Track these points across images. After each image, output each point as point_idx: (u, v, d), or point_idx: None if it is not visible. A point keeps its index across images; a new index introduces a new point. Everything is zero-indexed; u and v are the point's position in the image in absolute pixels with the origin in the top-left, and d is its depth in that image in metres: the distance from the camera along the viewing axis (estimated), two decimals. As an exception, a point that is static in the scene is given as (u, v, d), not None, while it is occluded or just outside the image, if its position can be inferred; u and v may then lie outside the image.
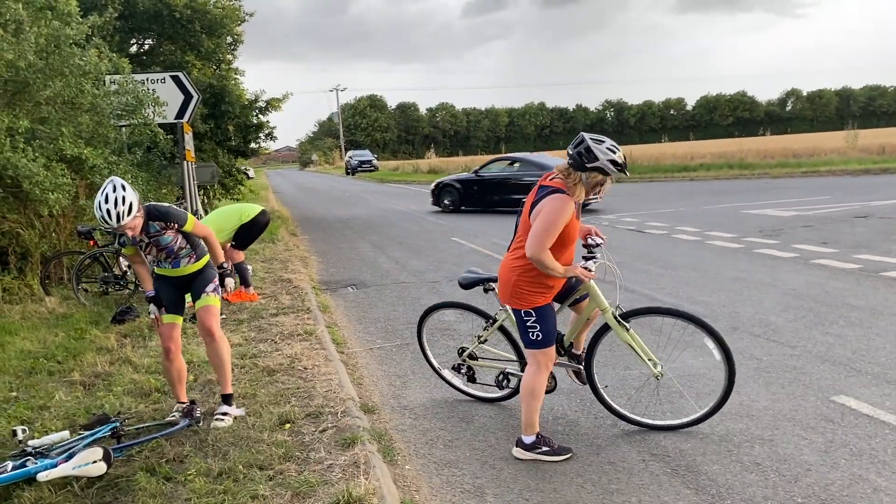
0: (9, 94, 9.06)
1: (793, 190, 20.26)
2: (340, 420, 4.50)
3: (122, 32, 15.51)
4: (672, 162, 32.53)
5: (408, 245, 13.46)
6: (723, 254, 10.41)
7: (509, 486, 3.80)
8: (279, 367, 5.63)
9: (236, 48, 17.85)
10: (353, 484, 3.55)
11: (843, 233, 11.58)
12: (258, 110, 17.28)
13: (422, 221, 17.74)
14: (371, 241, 14.47)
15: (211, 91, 15.63)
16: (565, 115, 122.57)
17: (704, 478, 3.75)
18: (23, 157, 8.28)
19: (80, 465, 3.64)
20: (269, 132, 17.97)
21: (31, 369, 5.99)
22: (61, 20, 9.47)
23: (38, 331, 7.27)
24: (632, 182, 28.29)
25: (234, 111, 16.04)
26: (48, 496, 3.62)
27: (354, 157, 59.98)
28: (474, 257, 11.48)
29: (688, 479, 3.75)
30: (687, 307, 7.32)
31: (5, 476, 3.62)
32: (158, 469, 3.85)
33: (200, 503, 3.44)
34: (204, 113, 15.50)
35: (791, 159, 29.56)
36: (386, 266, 11.23)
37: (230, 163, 17.25)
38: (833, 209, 14.78)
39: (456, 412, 4.93)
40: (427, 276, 10.13)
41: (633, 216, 15.80)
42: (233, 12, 16.69)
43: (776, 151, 32.17)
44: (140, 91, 10.46)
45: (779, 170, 27.01)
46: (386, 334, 7.13)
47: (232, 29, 16.90)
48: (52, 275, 9.44)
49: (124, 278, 8.79)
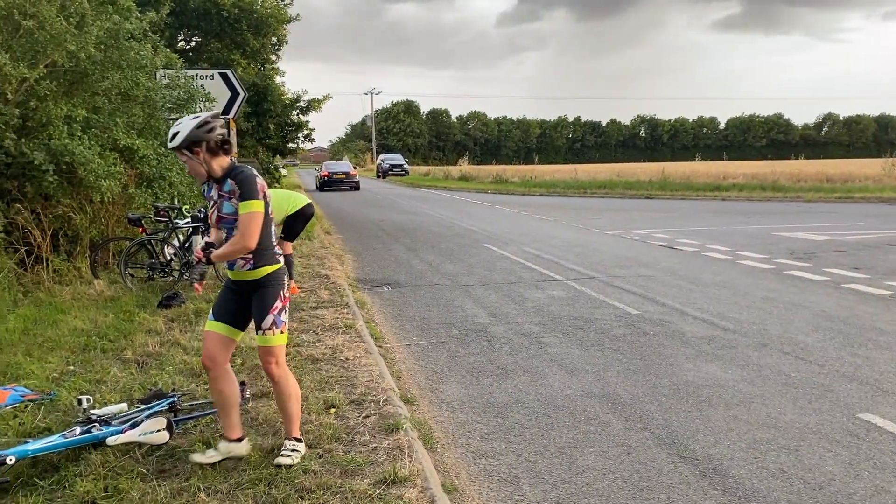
0: (67, 84, 9.45)
1: (826, 214, 20.19)
2: (382, 408, 4.74)
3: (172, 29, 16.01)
4: (704, 180, 32.47)
5: (440, 249, 13.70)
6: (753, 273, 10.50)
7: (543, 478, 4.00)
8: (322, 357, 5.89)
9: (280, 48, 18.32)
10: (397, 465, 3.77)
11: (877, 259, 11.61)
12: (299, 110, 17.67)
13: (453, 227, 17.97)
14: (404, 243, 14.73)
15: (254, 89, 16.05)
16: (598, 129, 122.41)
17: (731, 481, 3.92)
18: (79, 144, 8.66)
19: (145, 433, 3.91)
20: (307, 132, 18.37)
21: (85, 346, 6.30)
22: (121, 14, 9.86)
23: (88, 311, 7.59)
24: (663, 199, 28.32)
25: (276, 110, 16.47)
26: (113, 460, 3.88)
27: (386, 161, 60.47)
28: (505, 263, 11.68)
29: (715, 482, 3.92)
30: (717, 323, 7.47)
31: (76, 439, 3.90)
32: (213, 443, 4.10)
33: (256, 475, 3.69)
34: (247, 111, 15.91)
35: (825, 184, 29.38)
36: (419, 268, 11.47)
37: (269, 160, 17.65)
38: (867, 236, 14.75)
39: (491, 408, 5.13)
40: (460, 279, 10.35)
41: (664, 232, 15.90)
42: (279, 12, 17.13)
43: (810, 175, 31.98)
44: (191, 86, 10.84)
45: (812, 194, 26.86)
46: (421, 332, 7.36)
47: (277, 29, 17.34)
48: (100, 259, 9.81)
49: (169, 265, 9.12)
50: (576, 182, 35.72)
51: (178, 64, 11.43)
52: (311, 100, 17.65)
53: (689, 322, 7.52)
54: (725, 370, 5.89)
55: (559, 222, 18.93)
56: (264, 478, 3.65)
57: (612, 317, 7.82)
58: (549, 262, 11.80)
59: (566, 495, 3.80)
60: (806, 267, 10.86)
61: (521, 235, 15.77)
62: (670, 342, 6.78)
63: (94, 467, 3.79)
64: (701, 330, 7.19)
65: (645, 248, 13.35)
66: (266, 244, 3.79)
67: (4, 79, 8.12)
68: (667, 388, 5.46)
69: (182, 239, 9.40)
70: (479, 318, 7.87)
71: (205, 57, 16.66)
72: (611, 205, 25.73)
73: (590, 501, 3.73)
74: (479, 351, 6.60)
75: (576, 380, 5.70)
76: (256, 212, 3.66)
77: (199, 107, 10.85)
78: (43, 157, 8.34)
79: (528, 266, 11.41)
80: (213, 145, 3.68)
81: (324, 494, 3.49)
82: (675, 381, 5.64)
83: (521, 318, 7.86)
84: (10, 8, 8.36)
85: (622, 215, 20.94)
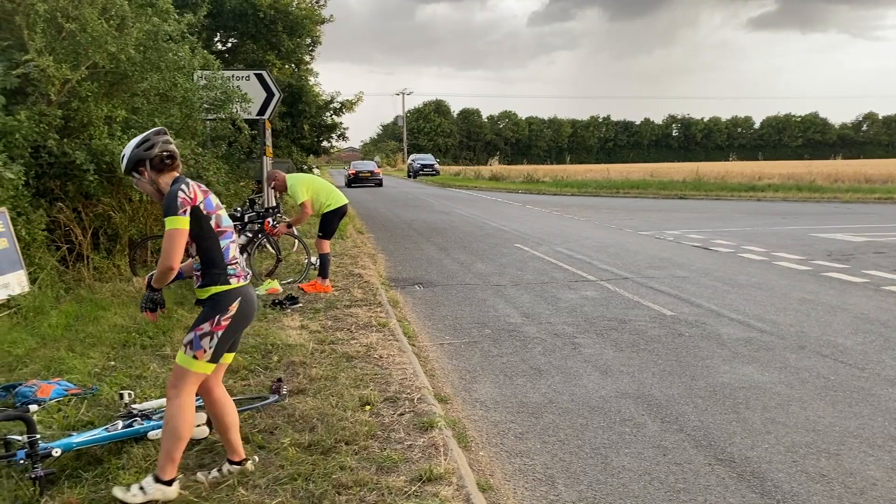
0: (108, 85, 9.65)
1: (865, 216, 19.79)
2: (417, 406, 4.76)
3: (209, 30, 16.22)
4: (739, 181, 32.04)
5: (471, 249, 13.71)
6: (790, 275, 10.34)
7: (579, 478, 3.99)
8: (356, 354, 5.94)
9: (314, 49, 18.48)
10: (433, 463, 3.80)
11: (918, 261, 11.35)
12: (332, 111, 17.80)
13: (484, 226, 17.97)
14: (435, 242, 14.77)
15: (289, 90, 16.21)
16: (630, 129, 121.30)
17: (770, 484, 3.88)
18: (119, 144, 8.83)
19: (186, 427, 3.97)
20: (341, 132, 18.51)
21: (125, 342, 6.43)
22: (160, 16, 10.04)
23: (127, 308, 7.74)
24: (697, 199, 28.01)
25: (310, 111, 16.62)
26: (154, 454, 3.95)
27: (417, 161, 60.63)
28: (537, 264, 11.65)
29: (753, 485, 3.88)
30: (754, 325, 7.37)
31: (118, 433, 3.98)
32: (252, 437, 4.17)
33: (293, 470, 3.74)
34: (282, 111, 16.09)
35: (864, 184, 28.80)
36: (451, 267, 11.49)
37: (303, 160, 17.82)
38: (907, 237, 14.44)
39: (525, 408, 5.13)
40: (492, 279, 10.35)
41: (698, 233, 15.73)
42: (313, 14, 17.29)
43: (848, 175, 31.39)
44: (228, 87, 11.01)
45: (850, 195, 26.35)
46: (454, 332, 7.38)
47: (311, 30, 17.49)
48: (139, 257, 9.99)
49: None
50: (608, 182, 35.47)
51: (215, 65, 11.60)
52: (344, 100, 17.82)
53: (724, 324, 7.44)
54: (762, 372, 5.81)
55: (591, 222, 18.83)
56: (303, 473, 3.69)
57: (646, 318, 7.76)
58: (582, 262, 11.74)
59: (602, 496, 3.79)
60: (844, 269, 10.66)
61: (552, 235, 15.71)
62: (706, 344, 6.71)
63: (135, 460, 3.87)
64: (737, 332, 7.11)
65: (679, 249, 13.22)
66: (214, 262, 3.50)
67: (48, 80, 8.32)
68: (703, 390, 5.41)
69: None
70: (512, 318, 7.87)
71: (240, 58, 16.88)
72: (644, 205, 25.51)
73: (626, 502, 3.72)
74: (512, 351, 6.60)
75: (610, 381, 5.67)
76: (174, 229, 3.36)
77: (236, 107, 11.01)
78: (84, 156, 8.53)
79: (560, 266, 11.37)
80: (157, 162, 3.49)
81: (360, 490, 3.53)
82: (712, 382, 5.59)
83: (554, 318, 7.84)
84: (54, 11, 8.56)
85: (655, 215, 20.75)
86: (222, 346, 3.53)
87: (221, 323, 3.47)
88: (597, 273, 10.65)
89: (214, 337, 3.46)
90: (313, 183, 8.83)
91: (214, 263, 3.51)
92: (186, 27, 10.67)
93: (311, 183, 8.82)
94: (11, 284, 7.30)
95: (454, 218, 20.68)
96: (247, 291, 3.62)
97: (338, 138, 18.77)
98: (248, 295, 3.62)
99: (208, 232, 3.50)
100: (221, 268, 3.52)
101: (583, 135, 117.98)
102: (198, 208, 3.45)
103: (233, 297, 3.51)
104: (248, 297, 3.62)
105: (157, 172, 3.50)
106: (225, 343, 3.54)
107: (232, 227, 3.67)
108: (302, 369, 5.51)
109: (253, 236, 9.43)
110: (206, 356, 3.46)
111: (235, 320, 3.52)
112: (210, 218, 3.51)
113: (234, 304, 3.51)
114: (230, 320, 3.49)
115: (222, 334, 3.48)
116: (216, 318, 3.47)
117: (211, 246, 3.51)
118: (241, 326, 3.63)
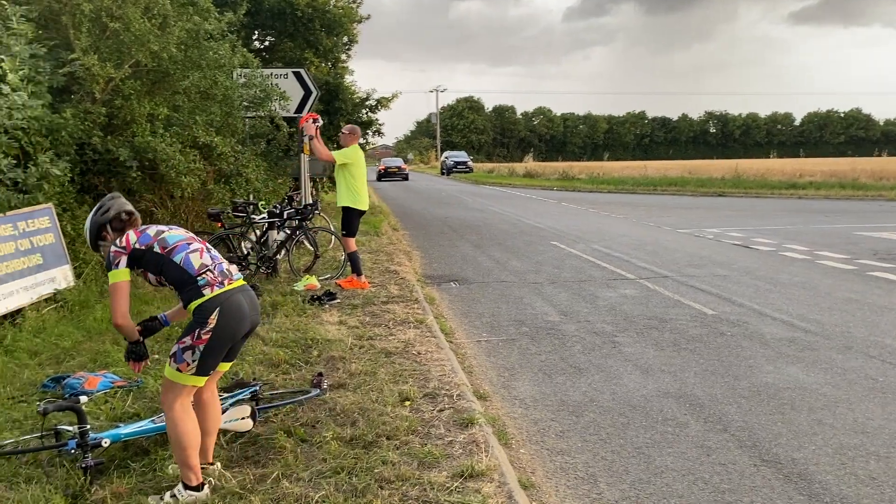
0: (150, 83, 9.80)
1: (911, 214, 19.31)
2: (456, 402, 4.76)
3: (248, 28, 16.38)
4: (780, 178, 31.45)
5: (507, 246, 13.67)
6: (834, 274, 10.12)
7: (621, 477, 3.96)
8: (395, 350, 5.96)
9: (351, 47, 18.56)
10: (474, 459, 3.79)
11: (968, 260, 11.04)
12: (368, 108, 17.87)
13: (519, 224, 17.90)
14: (470, 240, 14.75)
15: (326, 88, 16.30)
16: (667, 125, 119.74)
17: (818, 486, 3.80)
18: (161, 141, 8.98)
19: (231, 420, 4.03)
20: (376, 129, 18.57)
21: (168, 336, 6.50)
22: (201, 15, 10.17)
23: (170, 302, 7.84)
24: (737, 197, 27.57)
25: (347, 108, 16.68)
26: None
27: (450, 158, 60.65)
28: (574, 261, 11.57)
29: (801, 487, 3.80)
30: (797, 324, 7.23)
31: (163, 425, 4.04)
32: (294, 431, 4.21)
33: (336, 464, 3.76)
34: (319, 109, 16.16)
35: (910, 182, 28.07)
36: (486, 265, 11.47)
37: (339, 157, 17.92)
38: (956, 236, 14.05)
39: (565, 406, 5.10)
40: (528, 277, 10.30)
41: (738, 231, 15.48)
42: (350, 12, 17.37)
43: (893, 173, 30.57)
44: (267, 85, 11.11)
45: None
46: (491, 329, 7.36)
47: (349, 28, 17.57)
48: (180, 252, 10.14)
49: (246, 259, 9.37)
50: (645, 179, 35.08)
51: (255, 63, 11.72)
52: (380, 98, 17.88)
53: (767, 323, 7.31)
54: (808, 373, 5.70)
55: (628, 220, 18.64)
56: (345, 467, 3.71)
57: (687, 317, 7.66)
58: (620, 260, 11.63)
59: (645, 495, 3.75)
60: (891, 268, 10.40)
61: (589, 233, 15.60)
62: (749, 343, 6.60)
63: (182, 452, 3.93)
64: (780, 331, 6.98)
65: (719, 247, 13.02)
66: (180, 280, 3.47)
67: (93, 79, 8.48)
68: (746, 390, 5.32)
69: (258, 234, 9.65)
70: (550, 316, 7.83)
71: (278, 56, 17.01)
72: (682, 202, 25.18)
73: (669, 502, 3.67)
74: (551, 349, 6.56)
75: (651, 380, 5.61)
76: (112, 284, 3.45)
77: (275, 105, 11.11)
78: (127, 153, 8.69)
79: (597, 264, 11.28)
80: (117, 224, 3.60)
81: (403, 485, 3.54)
82: (755, 382, 5.49)
83: (592, 316, 7.78)
84: (99, 11, 8.72)
85: (694, 213, 20.47)
86: (208, 359, 3.43)
87: (202, 336, 3.38)
88: (635, 271, 10.55)
89: (196, 350, 3.39)
90: (358, 166, 8.80)
91: (182, 282, 3.47)
92: (226, 25, 10.80)
93: (358, 164, 8.79)
94: (58, 279, 7.47)
95: (489, 215, 20.64)
96: (228, 298, 3.47)
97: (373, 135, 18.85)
98: (230, 302, 3.46)
99: (159, 259, 3.48)
100: (191, 283, 3.45)
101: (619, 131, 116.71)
102: (135, 250, 3.47)
103: (210, 310, 3.40)
104: (231, 306, 3.46)
105: (119, 232, 3.58)
106: (212, 355, 3.44)
107: (185, 240, 3.57)
108: (342, 364, 5.55)
109: (291, 233, 9.52)
110: (191, 369, 3.41)
111: (217, 333, 3.41)
112: (153, 247, 3.49)
113: (213, 317, 3.39)
114: (210, 333, 3.39)
115: (205, 348, 3.39)
116: (196, 332, 3.39)
117: (169, 269, 3.47)
118: (228, 337, 3.47)
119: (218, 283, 3.47)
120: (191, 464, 3.47)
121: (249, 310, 3.57)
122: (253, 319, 3.62)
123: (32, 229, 7.24)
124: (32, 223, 7.26)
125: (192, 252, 3.52)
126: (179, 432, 3.44)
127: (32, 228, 7.24)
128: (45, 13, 9.00)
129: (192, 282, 3.45)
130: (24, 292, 6.93)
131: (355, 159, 8.76)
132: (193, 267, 3.47)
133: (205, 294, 3.43)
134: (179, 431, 3.44)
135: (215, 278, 3.48)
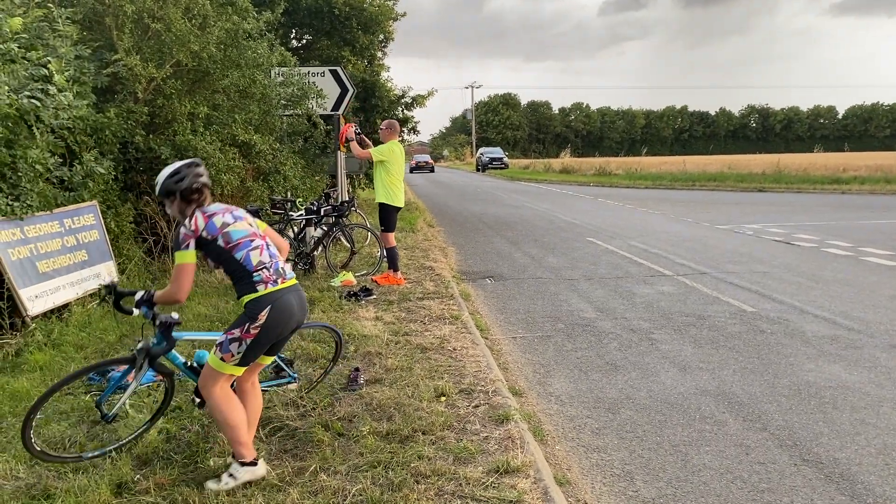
0: (190, 82, 9.97)
1: (961, 209, 18.76)
2: (491, 398, 4.78)
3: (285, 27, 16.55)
4: (822, 173, 30.77)
5: (542, 242, 13.62)
6: (879, 271, 9.90)
7: (658, 475, 3.93)
8: (430, 346, 5.99)
9: (387, 45, 18.62)
10: (510, 455, 3.81)
11: None
12: (404, 105, 17.93)
13: (555, 220, 17.82)
14: (505, 236, 14.73)
15: (363, 85, 16.39)
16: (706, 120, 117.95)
17: (860, 486, 3.73)
18: (201, 140, 9.13)
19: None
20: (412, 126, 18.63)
21: (209, 330, 6.65)
22: (240, 15, 10.31)
23: (210, 298, 8.01)
24: (778, 192, 27.07)
25: (383, 105, 16.76)
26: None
27: (486, 154, 60.53)
28: (611, 258, 11.49)
29: (843, 487, 3.74)
30: (840, 322, 7.09)
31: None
32: (332, 425, 4.26)
33: (373, 458, 3.80)
34: (355, 106, 16.28)
35: (960, 176, 27.25)
36: (522, 261, 11.45)
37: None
38: None
39: (601, 403, 5.08)
40: (564, 273, 10.26)
41: (779, 227, 15.20)
42: (387, 10, 17.43)
43: (942, 166, 29.73)
44: (304, 83, 11.22)
45: (945, 187, 24.99)
46: (527, 325, 7.35)
47: (385, 26, 17.64)
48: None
49: (284, 256, 9.48)
50: (684, 175, 34.59)
51: (292, 62, 11.84)
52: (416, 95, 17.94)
53: (809, 321, 7.18)
54: (850, 371, 5.59)
55: (666, 216, 18.43)
56: (381, 461, 3.76)
57: (726, 314, 7.56)
58: (657, 256, 11.51)
59: (682, 493, 3.72)
60: (939, 265, 10.14)
61: (626, 229, 15.46)
62: (789, 341, 6.49)
63: (222, 445, 4.01)
64: (823, 329, 6.85)
65: (759, 244, 12.81)
66: (238, 274, 3.58)
67: (135, 79, 8.66)
68: (786, 389, 5.24)
69: (296, 231, 9.76)
70: (585, 313, 7.79)
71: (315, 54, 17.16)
72: (721, 198, 24.80)
73: (707, 501, 3.64)
74: (587, 346, 6.53)
75: (689, 377, 5.55)
76: (179, 264, 3.51)
77: (312, 103, 11.21)
78: (169, 151, 8.84)
79: (634, 260, 11.18)
80: (186, 194, 3.60)
81: (439, 480, 3.56)
82: (796, 381, 5.41)
83: (629, 313, 7.72)
84: (141, 12, 8.89)
85: (733, 209, 20.15)
86: (252, 353, 3.57)
87: (251, 331, 3.51)
88: (673, 268, 10.43)
89: (243, 343, 3.52)
90: (395, 163, 8.87)
91: (239, 276, 3.58)
92: (264, 25, 10.93)
93: (394, 161, 8.87)
94: (102, 274, 7.64)
95: (524, 211, 20.58)
96: (280, 297, 3.57)
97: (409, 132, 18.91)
98: (281, 302, 3.57)
99: (220, 252, 3.57)
100: (247, 278, 3.56)
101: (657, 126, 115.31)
102: (202, 237, 3.54)
103: (262, 306, 3.51)
104: (282, 305, 3.57)
105: (186, 204, 3.62)
106: (256, 349, 3.57)
107: (247, 236, 3.63)
108: (378, 359, 5.60)
109: (328, 230, 9.61)
110: (234, 360, 3.54)
111: (266, 329, 3.53)
112: (217, 240, 3.55)
113: (264, 313, 3.51)
114: (259, 329, 3.51)
115: (251, 342, 3.52)
116: (246, 326, 3.52)
117: (230, 263, 3.58)
118: (274, 334, 3.59)
119: (272, 282, 3.58)
120: (242, 440, 3.60)
121: (298, 310, 3.68)
122: (299, 319, 3.73)
123: (78, 226, 7.42)
124: (78, 220, 7.44)
125: (253, 249, 3.61)
126: (225, 412, 3.57)
127: (78, 225, 7.43)
128: (90, 15, 9.20)
129: (248, 277, 3.57)
130: (70, 288, 7.11)
131: (392, 157, 8.82)
132: (252, 264, 3.58)
133: (258, 290, 3.55)
134: (225, 411, 3.58)
135: (270, 276, 3.59)
